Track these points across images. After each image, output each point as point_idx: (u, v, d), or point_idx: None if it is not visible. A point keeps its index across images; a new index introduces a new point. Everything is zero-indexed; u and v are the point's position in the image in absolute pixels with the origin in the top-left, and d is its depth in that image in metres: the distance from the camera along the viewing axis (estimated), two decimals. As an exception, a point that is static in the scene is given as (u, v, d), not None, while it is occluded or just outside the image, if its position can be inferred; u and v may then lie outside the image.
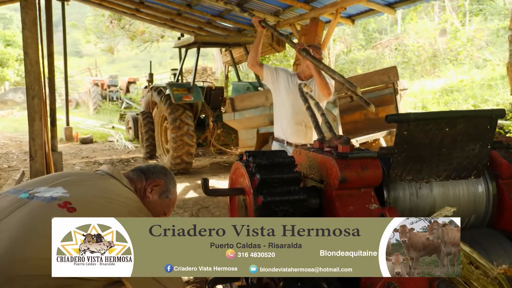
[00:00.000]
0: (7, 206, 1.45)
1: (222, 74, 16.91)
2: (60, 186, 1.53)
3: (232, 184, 1.82)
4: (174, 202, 1.92)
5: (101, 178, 1.70)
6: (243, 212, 1.73)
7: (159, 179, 1.83)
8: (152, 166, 1.91)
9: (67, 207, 1.42)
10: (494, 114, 1.73)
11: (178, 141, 7.60)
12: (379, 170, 1.64)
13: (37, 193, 1.50)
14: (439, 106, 7.90)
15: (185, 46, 8.42)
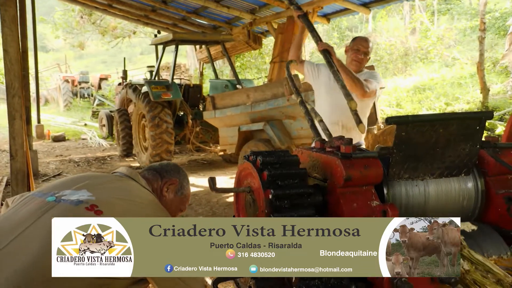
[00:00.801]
0: (36, 209, 1.49)
1: (196, 71, 16.89)
2: (85, 189, 1.57)
3: (239, 185, 1.89)
4: (189, 198, 2.00)
5: (120, 180, 1.74)
6: (251, 210, 1.81)
7: (173, 178, 1.89)
8: (165, 164, 1.97)
9: (94, 210, 1.47)
10: (484, 116, 1.86)
11: (157, 139, 7.60)
12: (380, 169, 1.75)
13: (63, 196, 1.54)
14: (412, 104, 8.16)
15: (162, 44, 8.40)
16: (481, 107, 6.96)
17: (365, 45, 3.29)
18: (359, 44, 3.28)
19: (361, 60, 3.28)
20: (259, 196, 1.69)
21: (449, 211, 1.94)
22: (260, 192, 1.68)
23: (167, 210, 1.77)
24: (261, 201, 1.68)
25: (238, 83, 8.37)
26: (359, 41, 3.30)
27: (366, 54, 3.30)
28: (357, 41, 3.31)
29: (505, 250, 1.80)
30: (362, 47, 3.27)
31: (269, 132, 5.55)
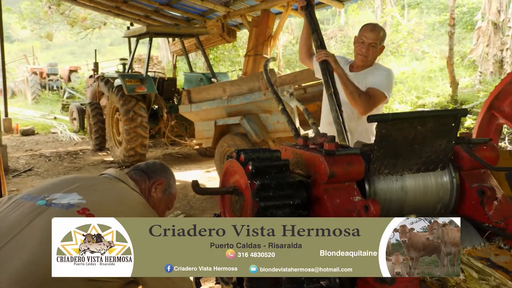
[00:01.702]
0: (26, 214, 1.48)
1: (169, 64, 16.71)
2: (75, 192, 1.57)
3: (225, 183, 1.92)
4: (176, 196, 2.02)
5: (110, 182, 1.75)
6: (237, 206, 1.84)
7: (161, 177, 1.91)
8: (151, 164, 1.98)
9: (85, 213, 1.47)
10: (459, 113, 1.94)
11: (131, 133, 7.53)
12: (362, 165, 1.81)
13: (54, 200, 1.53)
14: (385, 98, 8.30)
15: (136, 36, 8.30)
16: (450, 101, 7.17)
17: (370, 36, 2.84)
18: (363, 35, 2.87)
19: (366, 54, 2.87)
20: (246, 191, 1.73)
21: (427, 205, 2.02)
22: (246, 186, 1.72)
23: (155, 209, 1.79)
24: (247, 195, 1.72)
25: (213, 76, 8.36)
26: (364, 31, 2.88)
27: (374, 46, 2.85)
28: (362, 31, 2.89)
29: (479, 242, 1.89)
30: (366, 39, 2.85)
31: (245, 126, 5.58)
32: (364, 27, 2.92)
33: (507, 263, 1.78)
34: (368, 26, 2.93)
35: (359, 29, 2.97)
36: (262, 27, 8.98)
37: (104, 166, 8.27)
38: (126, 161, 7.85)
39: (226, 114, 5.93)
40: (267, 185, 1.69)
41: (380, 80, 2.84)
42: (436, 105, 7.27)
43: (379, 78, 2.85)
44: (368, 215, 1.72)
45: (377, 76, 2.87)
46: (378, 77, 2.86)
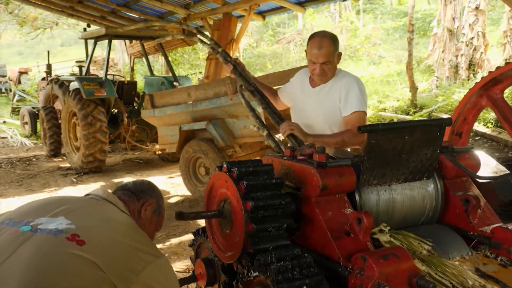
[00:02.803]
0: (10, 241, 1.33)
1: (126, 66, 16.31)
2: (62, 216, 1.44)
3: (211, 196, 1.84)
4: (164, 217, 1.92)
5: (98, 204, 1.63)
6: (225, 222, 1.77)
7: (150, 198, 1.81)
8: (139, 184, 1.87)
9: (75, 240, 1.35)
10: (444, 123, 1.95)
11: (90, 138, 7.26)
12: (354, 177, 1.77)
13: (39, 225, 1.39)
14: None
15: (94, 38, 8.01)
16: (410, 105, 7.34)
17: (320, 57, 2.55)
18: (313, 55, 2.57)
19: (322, 74, 2.61)
20: (237, 208, 1.66)
21: (414, 214, 2.01)
22: (238, 204, 1.65)
23: (145, 231, 1.68)
24: (238, 213, 1.65)
25: (175, 80, 8.19)
26: (311, 49, 2.57)
27: (328, 63, 2.57)
28: (310, 49, 2.58)
29: (466, 251, 1.90)
30: (317, 60, 2.56)
31: (212, 132, 5.48)
32: (311, 43, 2.58)
33: (496, 272, 1.80)
34: (314, 43, 2.56)
35: (307, 41, 2.64)
36: (224, 30, 8.89)
37: (61, 173, 7.92)
38: (84, 167, 7.56)
39: (191, 119, 5.81)
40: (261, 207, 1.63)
41: (356, 100, 2.61)
42: (397, 109, 7.43)
43: (355, 98, 2.61)
44: (361, 227, 1.69)
45: (353, 97, 2.61)
46: (354, 97, 2.61)
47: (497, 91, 3.25)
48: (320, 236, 1.72)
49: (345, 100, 2.62)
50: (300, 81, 2.84)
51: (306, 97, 2.78)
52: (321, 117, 2.72)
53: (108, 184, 6.99)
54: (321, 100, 2.70)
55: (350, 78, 2.69)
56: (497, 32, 11.28)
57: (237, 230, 1.68)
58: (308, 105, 2.76)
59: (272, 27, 19.93)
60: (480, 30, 9.13)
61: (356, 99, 2.60)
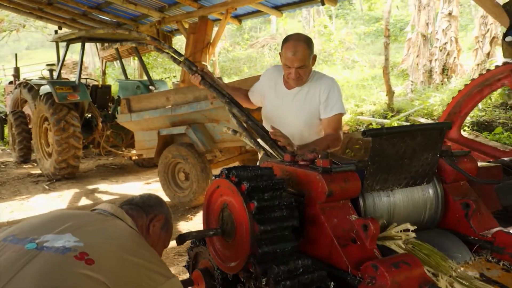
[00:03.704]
0: (14, 260, 1.22)
1: (98, 70, 15.97)
2: (69, 233, 1.34)
3: (211, 202, 1.76)
4: (172, 233, 1.83)
5: (106, 220, 1.52)
6: (227, 228, 1.69)
7: (159, 214, 1.72)
8: (147, 198, 1.78)
9: (84, 259, 1.24)
10: (445, 127, 1.93)
11: (63, 144, 7.03)
12: (359, 182, 1.73)
13: (45, 242, 1.29)
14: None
15: (66, 41, 7.78)
16: (387, 109, 7.42)
17: (295, 62, 2.50)
18: (287, 60, 2.52)
19: (297, 78, 2.58)
20: (240, 212, 1.59)
21: (415, 220, 1.98)
22: (240, 207, 1.58)
23: (155, 248, 1.59)
24: (242, 216, 1.58)
25: (151, 84, 8.04)
26: (286, 53, 2.51)
27: (304, 67, 2.54)
28: (285, 52, 2.53)
29: (469, 256, 1.88)
30: (292, 65, 2.52)
31: (191, 136, 5.38)
32: (285, 47, 2.52)
33: (500, 277, 1.78)
34: (289, 47, 2.50)
35: (282, 44, 2.60)
36: (200, 34, 8.80)
37: (32, 180, 7.65)
38: (57, 174, 7.32)
39: (170, 123, 5.69)
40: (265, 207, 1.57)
41: (337, 102, 2.66)
42: (374, 113, 7.49)
43: (336, 100, 2.66)
44: (367, 234, 1.65)
45: (334, 99, 2.65)
46: (335, 99, 2.65)
47: None
48: (326, 244, 1.67)
49: (326, 102, 2.65)
50: (272, 81, 2.79)
51: (281, 99, 2.74)
52: (301, 120, 2.71)
53: (83, 191, 6.78)
54: (300, 103, 2.69)
55: (329, 80, 2.71)
56: (467, 37, 11.59)
57: (241, 237, 1.61)
58: (285, 108, 2.73)
59: (246, 31, 19.92)
60: (453, 36, 9.34)
61: (337, 101, 2.66)
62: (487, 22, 8.57)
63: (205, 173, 5.43)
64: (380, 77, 10.60)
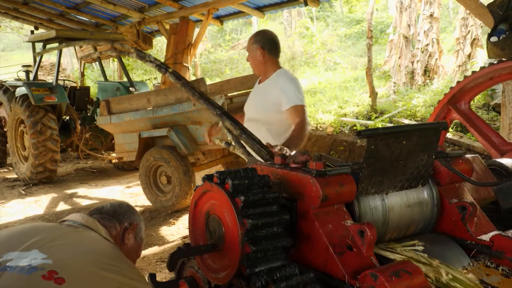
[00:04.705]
0: None
1: (76, 72, 15.63)
2: (35, 249, 1.19)
3: (198, 207, 1.65)
4: (143, 240, 1.70)
5: (77, 232, 1.38)
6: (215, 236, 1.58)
7: (132, 221, 1.60)
8: (118, 206, 1.65)
9: (53, 278, 1.11)
10: (440, 126, 1.86)
11: (40, 147, 6.82)
12: (354, 186, 1.64)
13: (8, 261, 1.14)
14: (309, 107, 8.40)
15: (42, 41, 7.55)
16: (370, 110, 7.39)
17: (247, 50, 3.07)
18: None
19: (252, 66, 3.06)
20: (232, 226, 1.48)
21: (411, 224, 1.90)
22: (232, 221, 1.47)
23: (129, 259, 1.47)
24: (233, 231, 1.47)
25: (131, 85, 7.86)
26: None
27: (251, 58, 3.03)
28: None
29: (467, 261, 1.80)
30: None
31: (173, 139, 5.25)
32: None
33: (500, 283, 1.71)
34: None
35: None
36: (182, 35, 8.67)
37: (7, 185, 7.39)
38: (33, 178, 7.09)
39: (151, 125, 5.55)
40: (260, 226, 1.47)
41: (293, 96, 2.91)
42: (357, 114, 7.47)
43: (292, 94, 2.91)
44: (364, 240, 1.56)
45: (289, 93, 2.91)
46: (291, 93, 2.91)
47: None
48: (320, 252, 1.57)
49: (284, 95, 2.91)
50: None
51: (252, 93, 3.18)
52: (262, 110, 3.00)
53: (61, 196, 6.57)
54: (262, 95, 3.02)
55: (287, 75, 3.03)
56: (447, 39, 11.69)
57: (230, 248, 1.50)
58: (253, 100, 3.12)
59: (227, 33, 19.82)
60: (435, 37, 9.39)
61: (293, 94, 2.91)
62: (467, 24, 8.65)
63: (188, 176, 5.30)
64: (362, 78, 10.60)
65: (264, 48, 2.98)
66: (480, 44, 8.64)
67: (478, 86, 3.07)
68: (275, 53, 3.04)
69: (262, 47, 2.98)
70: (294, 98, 2.89)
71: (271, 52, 3.01)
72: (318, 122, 7.42)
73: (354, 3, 18.96)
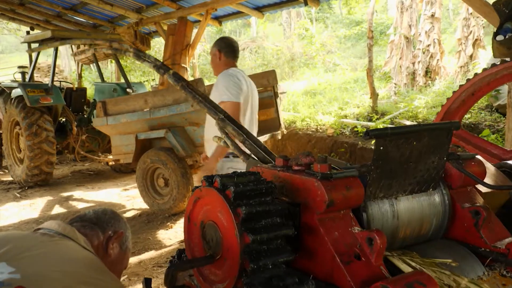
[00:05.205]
0: None
1: (74, 73, 15.54)
2: (3, 262, 1.07)
3: (195, 213, 1.53)
4: (131, 250, 1.58)
5: (52, 241, 1.25)
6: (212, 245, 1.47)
7: (117, 229, 1.47)
8: (101, 213, 1.52)
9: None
10: (453, 126, 1.75)
11: (35, 149, 6.71)
12: (362, 190, 1.53)
13: None
14: (309, 109, 8.30)
15: (39, 42, 7.44)
16: (371, 112, 7.29)
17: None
18: None
19: (211, 65, 3.65)
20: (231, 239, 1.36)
21: (422, 231, 1.79)
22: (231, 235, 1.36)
23: (113, 271, 1.34)
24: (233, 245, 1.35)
25: (128, 86, 7.75)
26: None
27: (212, 59, 3.62)
28: None
29: (482, 270, 1.69)
30: None
31: (171, 140, 5.14)
32: None
33: (518, 294, 1.60)
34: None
35: None
36: (180, 35, 8.56)
37: (2, 188, 7.28)
38: (29, 181, 6.98)
39: (148, 127, 5.44)
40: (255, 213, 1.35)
41: (222, 92, 3.30)
42: (358, 116, 7.36)
43: (221, 91, 3.32)
44: (373, 248, 1.44)
45: (220, 89, 3.34)
46: (221, 90, 3.33)
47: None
48: (325, 261, 1.46)
49: (219, 92, 3.33)
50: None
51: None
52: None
53: (57, 199, 6.45)
54: (212, 92, 3.44)
55: (223, 74, 3.42)
56: (448, 40, 11.59)
57: (228, 253, 1.39)
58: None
59: (226, 34, 19.75)
60: (436, 38, 9.29)
61: (223, 91, 3.29)
62: (469, 24, 8.55)
63: (186, 178, 5.19)
64: (362, 80, 10.50)
65: (221, 51, 3.46)
66: (482, 45, 8.54)
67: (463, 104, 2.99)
68: (231, 56, 3.48)
69: (219, 50, 3.46)
70: (223, 95, 3.27)
71: (227, 54, 3.46)
72: (318, 124, 7.32)
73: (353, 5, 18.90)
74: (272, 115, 6.04)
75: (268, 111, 6.10)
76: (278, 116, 5.95)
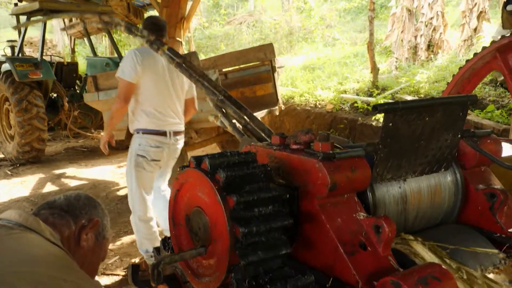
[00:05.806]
0: None
1: (67, 48, 15.20)
2: None
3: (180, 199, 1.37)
4: (110, 240, 1.41)
5: (9, 234, 1.07)
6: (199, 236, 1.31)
7: (92, 217, 1.29)
8: (74, 198, 1.34)
9: None
10: (469, 100, 1.57)
11: (26, 126, 6.52)
12: (368, 171, 1.37)
13: None
14: (308, 84, 8.07)
15: (26, 14, 7.16)
16: (372, 87, 7.09)
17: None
18: None
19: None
20: (216, 212, 1.20)
21: (433, 215, 1.63)
22: (215, 205, 1.19)
23: (86, 266, 1.18)
24: (218, 218, 1.19)
25: (121, 60, 7.49)
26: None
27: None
28: None
29: (498, 259, 1.54)
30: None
31: (164, 116, 4.94)
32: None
33: (538, 285, 1.46)
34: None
35: None
36: (174, 8, 8.26)
37: (-7, 165, 7.11)
38: (20, 158, 6.81)
39: (141, 102, 5.22)
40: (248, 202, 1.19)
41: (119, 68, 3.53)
42: (358, 91, 7.16)
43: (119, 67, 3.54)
44: (380, 238, 1.29)
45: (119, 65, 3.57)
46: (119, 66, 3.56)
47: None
48: (327, 252, 1.30)
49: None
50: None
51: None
52: None
53: (49, 176, 6.29)
54: None
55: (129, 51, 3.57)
56: (451, 13, 11.29)
57: (217, 245, 1.23)
58: None
59: (222, 7, 19.29)
60: (440, 10, 9.01)
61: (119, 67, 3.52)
62: (474, -4, 8.27)
63: (180, 155, 5.01)
64: (362, 54, 10.24)
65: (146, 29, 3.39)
66: (487, 18, 8.26)
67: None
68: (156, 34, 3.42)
69: (144, 29, 3.44)
70: (118, 70, 3.49)
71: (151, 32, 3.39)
72: (317, 99, 7.11)
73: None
74: (270, 90, 5.83)
75: (265, 86, 5.90)
76: (276, 91, 5.75)
